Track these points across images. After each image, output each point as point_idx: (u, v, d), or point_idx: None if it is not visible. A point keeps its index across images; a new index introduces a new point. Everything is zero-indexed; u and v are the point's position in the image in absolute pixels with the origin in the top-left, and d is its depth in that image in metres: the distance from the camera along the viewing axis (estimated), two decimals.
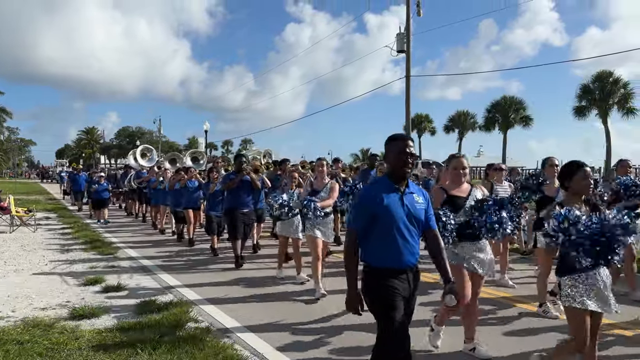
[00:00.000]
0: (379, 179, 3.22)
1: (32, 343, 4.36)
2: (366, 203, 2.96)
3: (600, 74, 41.30)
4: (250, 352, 4.30)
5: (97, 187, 14.93)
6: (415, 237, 3.00)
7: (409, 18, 20.50)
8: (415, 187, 3.09)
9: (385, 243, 2.92)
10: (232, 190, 8.20)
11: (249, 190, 8.34)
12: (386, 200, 2.90)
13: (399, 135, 3.11)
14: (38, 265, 8.09)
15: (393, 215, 2.90)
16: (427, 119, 60.31)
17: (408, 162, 2.93)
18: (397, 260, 2.94)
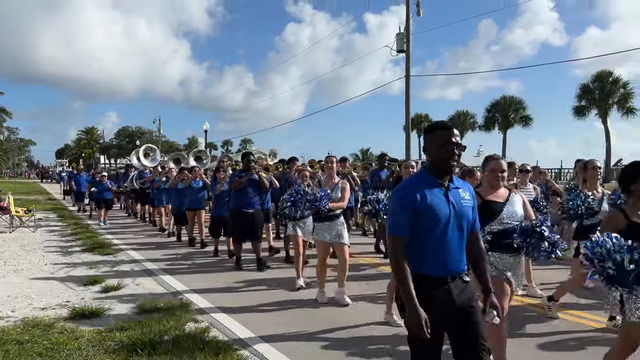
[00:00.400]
0: (418, 174, 2.79)
1: (31, 343, 4.36)
2: (406, 202, 2.52)
3: (599, 73, 41.29)
4: (250, 352, 4.30)
5: (98, 187, 14.73)
6: (462, 239, 2.60)
7: (408, 18, 20.51)
8: (460, 182, 2.71)
9: (426, 247, 2.51)
10: (239, 189, 7.89)
11: (257, 190, 8.05)
12: (429, 197, 2.51)
13: (441, 123, 2.71)
14: (38, 266, 8.09)
15: (437, 214, 2.50)
16: (426, 119, 60.06)
17: (454, 153, 2.54)
18: (441, 267, 2.52)
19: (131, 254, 9.24)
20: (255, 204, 7.95)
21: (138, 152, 16.35)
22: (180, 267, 8.22)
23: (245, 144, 73.96)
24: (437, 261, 2.52)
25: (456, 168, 2.74)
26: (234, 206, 7.95)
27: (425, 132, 2.72)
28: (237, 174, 8.09)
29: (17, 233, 12.11)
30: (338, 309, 5.63)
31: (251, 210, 7.85)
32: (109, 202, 15.10)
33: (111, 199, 15.40)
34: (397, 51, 21.03)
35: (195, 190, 10.35)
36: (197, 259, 8.88)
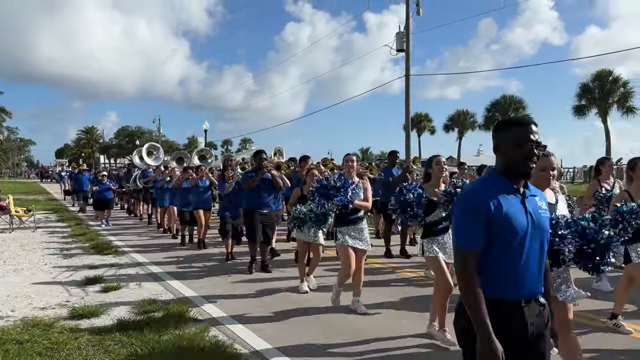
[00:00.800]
0: (489, 178, 2.32)
1: (31, 343, 4.36)
2: (479, 209, 2.12)
3: (599, 72, 41.29)
4: (249, 351, 4.29)
5: (99, 187, 14.40)
6: (542, 256, 2.21)
7: (408, 17, 20.49)
8: (534, 188, 2.30)
9: (499, 265, 2.13)
10: (251, 189, 7.56)
11: (270, 190, 7.71)
12: (505, 205, 2.12)
13: (518, 118, 2.32)
14: (37, 265, 8.09)
15: (514, 225, 2.11)
16: (426, 118, 60.25)
17: (533, 154, 2.16)
18: (517, 289, 2.14)
19: (133, 255, 9.22)
20: (269, 204, 7.69)
21: (141, 151, 15.89)
22: (183, 268, 8.16)
23: (245, 143, 74.08)
24: (513, 282, 2.13)
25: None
26: (249, 206, 7.65)
27: (497, 128, 2.31)
28: (250, 173, 7.73)
29: (16, 233, 12.11)
30: (345, 315, 5.62)
31: (266, 210, 7.59)
32: (110, 202, 14.80)
33: (112, 199, 15.03)
34: (397, 50, 20.99)
35: (202, 190, 10.03)
36: (200, 261, 8.85)
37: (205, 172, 10.05)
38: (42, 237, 11.44)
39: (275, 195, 7.99)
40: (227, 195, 8.71)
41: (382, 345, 4.47)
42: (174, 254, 9.39)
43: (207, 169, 10.62)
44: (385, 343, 4.51)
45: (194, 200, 10.04)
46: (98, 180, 14.93)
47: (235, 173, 8.64)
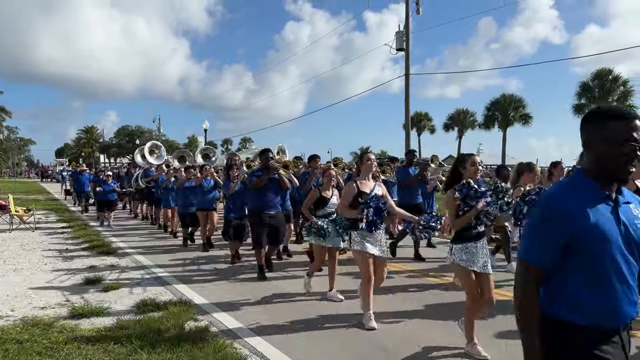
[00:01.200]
0: (574, 179, 1.93)
1: (31, 342, 4.36)
2: (559, 221, 1.79)
3: (599, 71, 41.32)
4: (249, 351, 4.30)
5: (103, 187, 13.69)
6: (633, 274, 1.83)
7: (408, 16, 20.49)
8: (629, 193, 1.93)
9: (590, 286, 1.79)
10: (258, 189, 7.20)
11: (277, 190, 7.38)
12: (593, 216, 1.77)
13: (615, 110, 1.85)
14: (37, 265, 8.09)
15: (606, 239, 1.76)
16: (426, 117, 60.20)
17: (636, 155, 1.77)
18: (612, 313, 1.80)
19: (134, 256, 9.21)
20: (277, 205, 7.36)
21: (143, 150, 15.40)
22: (185, 270, 8.16)
23: (245, 142, 74.04)
24: (605, 306, 1.79)
25: None
26: (255, 208, 7.28)
27: (587, 120, 1.89)
28: (256, 172, 7.40)
29: (16, 232, 12.11)
30: (337, 305, 5.62)
31: (273, 212, 7.22)
32: (114, 203, 14.22)
33: (115, 200, 14.40)
34: (396, 49, 21.01)
35: (206, 190, 9.63)
36: (204, 262, 8.81)
37: (210, 172, 9.70)
38: (42, 237, 11.44)
39: (282, 195, 7.80)
40: (232, 195, 8.33)
41: None
42: (178, 256, 9.33)
43: (211, 168, 10.22)
44: None
45: (198, 201, 9.75)
46: (102, 180, 14.16)
47: (240, 172, 8.35)
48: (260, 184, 7.13)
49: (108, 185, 13.73)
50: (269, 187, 7.21)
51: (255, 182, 7.15)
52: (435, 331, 4.77)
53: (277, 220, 7.27)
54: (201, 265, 8.24)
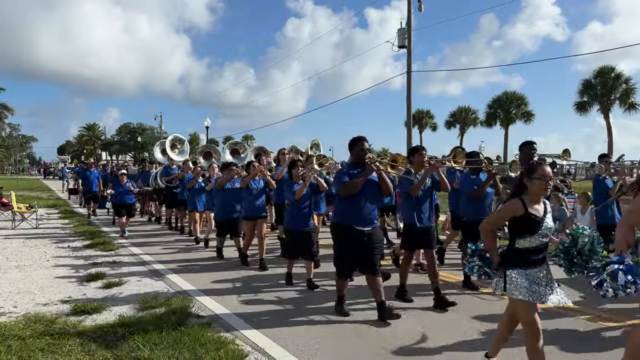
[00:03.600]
0: None
1: (33, 338, 4.37)
2: None
3: (601, 69, 41.20)
4: (251, 347, 4.30)
5: (117, 189, 11.56)
6: None
7: (410, 13, 20.45)
8: None
9: None
10: (348, 196, 5.05)
11: (377, 196, 5.20)
12: None
13: None
14: (39, 262, 8.11)
15: None
16: (428, 115, 60.15)
17: None
18: None
19: (137, 253, 9.22)
20: (374, 217, 5.15)
21: (164, 144, 13.57)
22: (187, 266, 8.14)
23: (247, 140, 74.05)
24: None
25: None
26: (343, 222, 5.08)
27: None
28: (349, 170, 5.12)
29: (19, 229, 12.14)
30: None
31: (369, 228, 4.99)
32: (131, 207, 11.81)
33: (134, 204, 12.10)
34: (398, 47, 20.98)
35: (255, 193, 7.80)
36: (208, 259, 8.84)
37: (260, 170, 7.87)
38: (44, 234, 11.46)
39: (379, 204, 5.79)
40: (298, 201, 6.39)
41: None
42: (180, 253, 9.35)
43: (261, 166, 8.20)
44: None
45: (244, 207, 7.95)
46: (116, 180, 11.98)
47: (310, 171, 6.50)
48: (356, 188, 4.95)
49: (122, 186, 11.52)
50: (366, 192, 5.02)
51: (350, 185, 4.96)
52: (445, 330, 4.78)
53: (373, 239, 5.03)
54: (205, 262, 8.25)
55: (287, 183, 6.63)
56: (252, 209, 7.78)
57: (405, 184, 5.72)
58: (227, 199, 8.29)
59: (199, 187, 10.10)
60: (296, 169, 6.56)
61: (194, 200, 10.30)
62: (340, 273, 5.18)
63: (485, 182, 6.09)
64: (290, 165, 6.70)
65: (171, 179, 11.80)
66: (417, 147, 6.14)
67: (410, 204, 5.69)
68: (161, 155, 13.77)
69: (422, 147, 6.00)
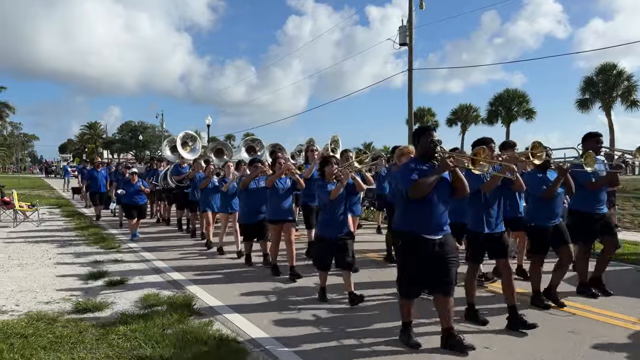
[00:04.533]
0: None
1: (36, 336, 4.38)
2: None
3: (603, 66, 41.11)
4: (253, 345, 4.30)
5: (126, 189, 10.81)
6: None
7: (411, 11, 20.39)
8: None
9: None
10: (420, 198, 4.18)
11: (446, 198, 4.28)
12: None
13: None
14: (42, 260, 8.12)
15: None
16: (429, 113, 59.94)
17: None
18: None
19: (139, 252, 9.22)
20: (446, 223, 4.26)
21: (173, 141, 12.87)
22: (189, 264, 8.13)
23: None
24: None
25: None
26: (409, 230, 4.18)
27: None
28: (415, 165, 4.19)
29: (21, 227, 12.16)
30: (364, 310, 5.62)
31: (439, 236, 4.16)
32: (143, 208, 11.04)
33: (145, 205, 11.21)
34: (399, 44, 20.93)
35: (282, 193, 6.96)
36: (210, 257, 8.84)
37: (287, 167, 7.02)
38: (46, 232, 11.48)
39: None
40: (332, 204, 5.60)
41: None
42: (184, 250, 9.36)
43: (289, 163, 7.55)
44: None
45: (271, 209, 7.03)
46: (125, 180, 11.25)
47: (349, 168, 5.88)
48: (430, 187, 4.04)
49: (133, 185, 10.78)
50: (436, 192, 4.13)
51: (423, 184, 4.01)
52: None
53: (446, 249, 4.17)
54: (207, 260, 8.26)
55: (318, 183, 5.79)
56: (278, 211, 6.93)
57: (473, 181, 4.61)
58: (252, 200, 7.52)
59: (212, 187, 9.49)
60: (330, 167, 5.70)
61: (207, 201, 9.67)
62: (407, 293, 4.29)
63: (557, 181, 5.21)
64: (323, 163, 5.84)
65: (182, 179, 11.26)
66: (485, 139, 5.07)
67: (476, 207, 4.84)
68: (170, 153, 13.05)
69: (491, 140, 5.11)
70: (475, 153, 4.54)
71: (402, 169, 4.32)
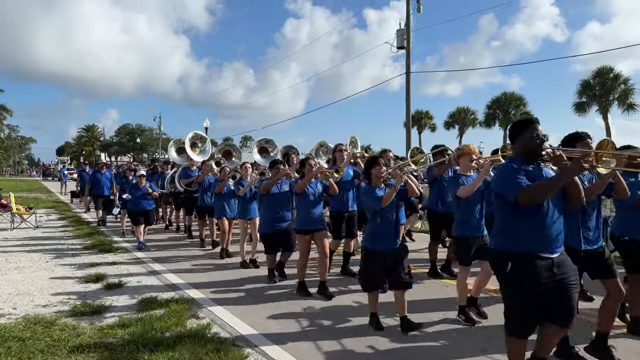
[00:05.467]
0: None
1: (33, 340, 4.37)
2: None
3: (600, 69, 41.21)
4: (251, 349, 4.30)
5: (133, 192, 10.04)
6: None
7: (409, 14, 20.46)
8: None
9: None
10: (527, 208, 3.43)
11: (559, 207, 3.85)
12: None
13: None
14: (39, 263, 8.10)
15: None
16: (427, 115, 60.08)
17: None
18: None
19: (136, 255, 9.19)
20: (562, 237, 3.46)
21: (180, 143, 11.82)
22: (187, 268, 8.10)
23: (246, 141, 74.01)
24: None
25: None
26: (520, 249, 3.29)
27: None
28: (519, 165, 3.36)
29: (18, 230, 12.12)
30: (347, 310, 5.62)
31: (557, 254, 3.31)
32: (150, 214, 10.23)
33: (152, 210, 10.38)
34: (397, 47, 20.98)
35: (313, 200, 6.12)
36: (208, 258, 8.84)
37: (320, 169, 6.21)
38: (43, 235, 11.44)
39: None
40: (383, 211, 4.76)
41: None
42: (183, 253, 9.35)
43: (321, 164, 6.94)
44: None
45: (301, 217, 6.21)
46: (132, 184, 10.31)
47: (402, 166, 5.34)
48: (550, 193, 3.20)
49: (141, 189, 9.97)
50: (553, 200, 3.30)
51: (540, 189, 3.17)
52: None
53: (566, 271, 3.32)
54: (205, 262, 8.24)
55: (365, 188, 4.92)
56: (308, 219, 6.12)
57: None
58: (275, 206, 6.63)
59: (227, 191, 8.67)
60: (378, 169, 4.84)
61: (222, 207, 8.79)
62: (522, 331, 3.33)
63: None
64: (370, 164, 4.93)
65: (191, 182, 10.38)
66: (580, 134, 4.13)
67: (572, 218, 3.89)
68: (176, 155, 11.91)
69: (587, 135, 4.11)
70: (600, 146, 3.80)
71: (504, 171, 3.44)
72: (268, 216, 6.68)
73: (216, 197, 8.94)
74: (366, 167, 5.03)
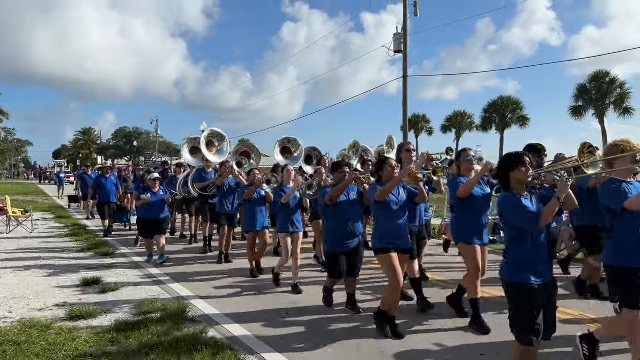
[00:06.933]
0: None
1: (29, 344, 4.36)
2: None
3: (596, 73, 41.40)
4: (248, 353, 4.29)
5: (150, 198, 8.42)
6: None
7: (406, 18, 20.51)
8: None
9: None
10: None
11: None
12: None
13: None
14: (35, 266, 8.07)
15: None
16: (424, 119, 60.20)
17: None
18: None
19: (133, 259, 9.18)
20: None
21: (195, 142, 10.52)
22: (183, 272, 8.09)
23: (243, 143, 73.99)
24: None
25: None
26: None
27: None
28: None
29: (14, 234, 12.08)
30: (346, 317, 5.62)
31: None
32: (164, 223, 8.71)
33: (166, 219, 8.94)
34: (394, 51, 21.02)
35: (396, 210, 4.80)
36: (206, 261, 8.83)
37: (409, 171, 4.78)
38: (39, 238, 11.41)
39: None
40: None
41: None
42: (184, 256, 9.34)
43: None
44: None
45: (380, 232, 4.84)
46: (145, 188, 8.71)
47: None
48: None
49: (156, 194, 8.57)
50: None
51: None
52: None
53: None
54: (203, 266, 8.22)
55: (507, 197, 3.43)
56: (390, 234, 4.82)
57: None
58: (344, 218, 5.43)
59: (258, 198, 7.35)
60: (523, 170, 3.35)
61: (253, 217, 7.41)
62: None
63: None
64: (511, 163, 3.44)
65: (206, 186, 9.40)
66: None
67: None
68: (190, 156, 10.63)
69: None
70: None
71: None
72: (334, 231, 5.48)
73: (245, 205, 7.52)
74: (502, 169, 3.47)
